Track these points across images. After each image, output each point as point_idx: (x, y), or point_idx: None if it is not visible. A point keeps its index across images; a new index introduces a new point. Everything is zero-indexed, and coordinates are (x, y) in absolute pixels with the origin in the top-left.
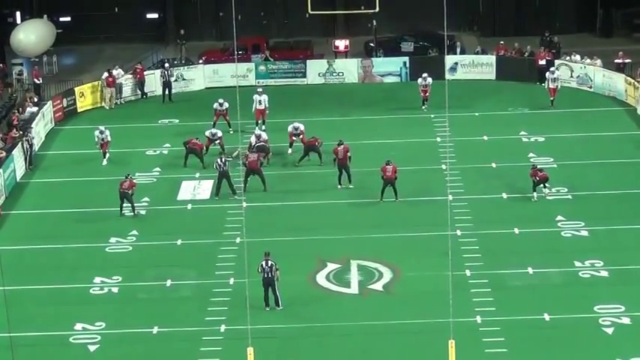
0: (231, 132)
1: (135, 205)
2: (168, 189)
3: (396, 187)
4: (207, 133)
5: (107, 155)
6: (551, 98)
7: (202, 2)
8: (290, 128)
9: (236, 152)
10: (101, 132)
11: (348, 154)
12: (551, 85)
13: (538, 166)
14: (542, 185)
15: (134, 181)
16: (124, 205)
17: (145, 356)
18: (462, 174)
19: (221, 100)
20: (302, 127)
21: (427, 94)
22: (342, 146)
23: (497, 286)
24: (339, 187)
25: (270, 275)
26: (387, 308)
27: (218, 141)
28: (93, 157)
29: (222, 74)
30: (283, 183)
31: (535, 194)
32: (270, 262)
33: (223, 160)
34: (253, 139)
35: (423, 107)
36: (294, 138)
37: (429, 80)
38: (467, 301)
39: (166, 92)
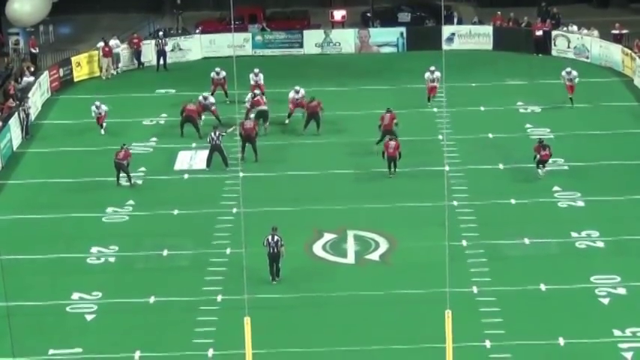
0: (228, 102)
1: (131, 174)
2: (165, 159)
3: (397, 164)
4: (200, 98)
5: (104, 126)
6: (570, 96)
7: None
8: (292, 93)
9: (232, 128)
10: (97, 107)
11: (395, 120)
12: (568, 83)
13: (544, 142)
14: (541, 165)
15: (129, 151)
16: (120, 175)
17: (141, 326)
18: (459, 144)
19: (218, 69)
20: (303, 91)
21: (436, 90)
22: (388, 114)
23: (494, 256)
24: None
25: (275, 250)
26: (384, 278)
27: (213, 107)
28: (89, 127)
29: (218, 44)
30: (280, 153)
31: (540, 171)
32: (276, 237)
33: (217, 134)
34: (292, 95)
35: (429, 103)
36: (292, 106)
37: (437, 74)
38: (463, 272)
39: (161, 61)
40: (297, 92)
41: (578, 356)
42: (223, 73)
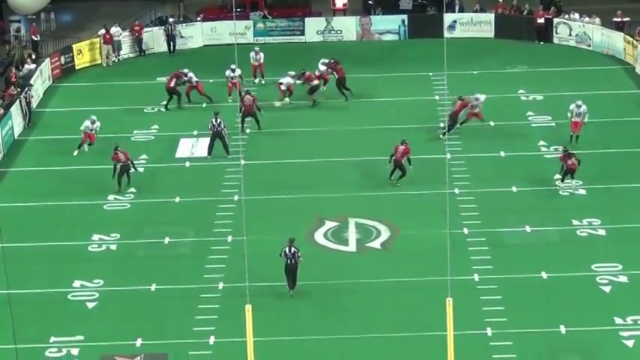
0: (263, 82)
1: (135, 163)
2: (166, 146)
3: (404, 170)
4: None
5: (86, 146)
6: (576, 134)
7: None
8: (227, 71)
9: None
10: (92, 122)
11: (407, 156)
12: (575, 118)
13: (569, 150)
14: (569, 175)
15: (127, 153)
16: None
17: (143, 313)
18: (460, 132)
19: (233, 66)
20: (239, 70)
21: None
22: (403, 146)
23: (495, 244)
24: (396, 183)
25: (292, 262)
26: (385, 266)
27: (194, 81)
28: (90, 114)
29: (220, 32)
30: (282, 140)
31: (561, 183)
32: (293, 249)
33: (218, 121)
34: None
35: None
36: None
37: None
38: (464, 260)
39: (170, 46)
40: (233, 71)
41: (580, 344)
42: (239, 71)
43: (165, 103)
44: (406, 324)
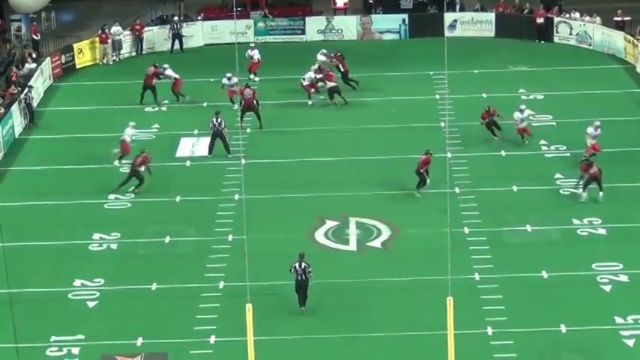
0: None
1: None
2: (167, 146)
3: (424, 178)
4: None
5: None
6: (594, 154)
7: None
8: (224, 80)
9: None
10: (133, 127)
11: (426, 166)
12: (592, 141)
13: (590, 159)
14: (597, 185)
15: (148, 157)
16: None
17: (143, 313)
18: (461, 131)
19: (229, 74)
20: (235, 78)
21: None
22: (425, 156)
23: (496, 243)
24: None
25: (303, 278)
26: (386, 265)
27: (172, 77)
28: (91, 113)
29: (220, 31)
30: (282, 139)
31: (584, 193)
32: (303, 265)
33: (219, 120)
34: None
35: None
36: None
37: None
38: (465, 259)
39: (175, 44)
40: (229, 79)
41: (580, 343)
42: (235, 79)
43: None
44: (407, 323)
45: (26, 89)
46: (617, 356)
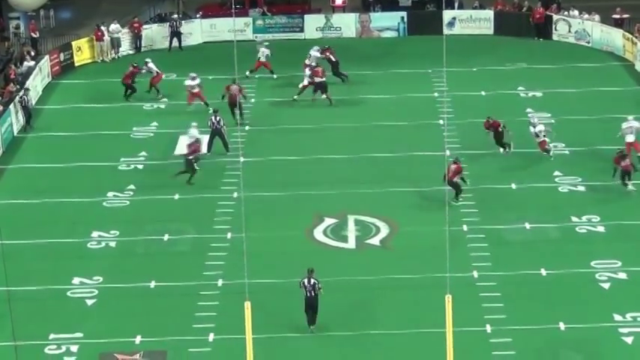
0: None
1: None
2: (166, 143)
3: (458, 187)
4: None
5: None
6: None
7: None
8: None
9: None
10: (193, 79)
11: (460, 174)
12: (629, 139)
13: (623, 152)
14: (626, 177)
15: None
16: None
17: (142, 311)
18: (460, 129)
19: (193, 75)
20: (198, 79)
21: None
22: (455, 165)
23: (494, 241)
24: (455, 202)
25: (312, 294)
26: (384, 263)
27: (155, 71)
28: (89, 111)
29: (219, 28)
30: (281, 137)
31: (629, 184)
32: (312, 280)
33: (217, 118)
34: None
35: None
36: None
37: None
38: (464, 256)
39: (174, 42)
40: (193, 79)
41: (579, 341)
42: (199, 80)
43: (126, 94)
44: (405, 321)
45: (22, 92)
46: (615, 354)
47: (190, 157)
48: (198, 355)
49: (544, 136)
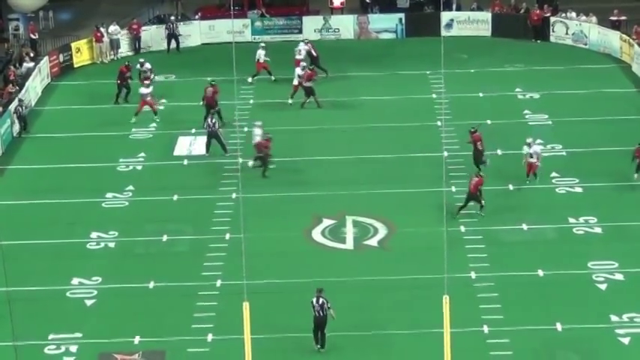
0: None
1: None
2: (165, 144)
3: (480, 199)
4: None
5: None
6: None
7: None
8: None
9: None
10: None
11: (480, 187)
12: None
13: None
14: None
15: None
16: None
17: (141, 311)
18: (458, 130)
19: (142, 60)
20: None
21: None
22: (477, 178)
23: (492, 242)
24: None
25: (321, 314)
26: (382, 264)
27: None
28: (88, 112)
29: (218, 30)
30: (279, 138)
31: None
32: (321, 300)
33: (213, 121)
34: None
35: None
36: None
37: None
38: (461, 257)
39: (171, 44)
40: (142, 65)
41: (576, 342)
42: (147, 65)
43: (121, 95)
44: (403, 321)
45: (16, 101)
46: (612, 354)
47: (260, 154)
48: (196, 355)
49: (537, 159)
